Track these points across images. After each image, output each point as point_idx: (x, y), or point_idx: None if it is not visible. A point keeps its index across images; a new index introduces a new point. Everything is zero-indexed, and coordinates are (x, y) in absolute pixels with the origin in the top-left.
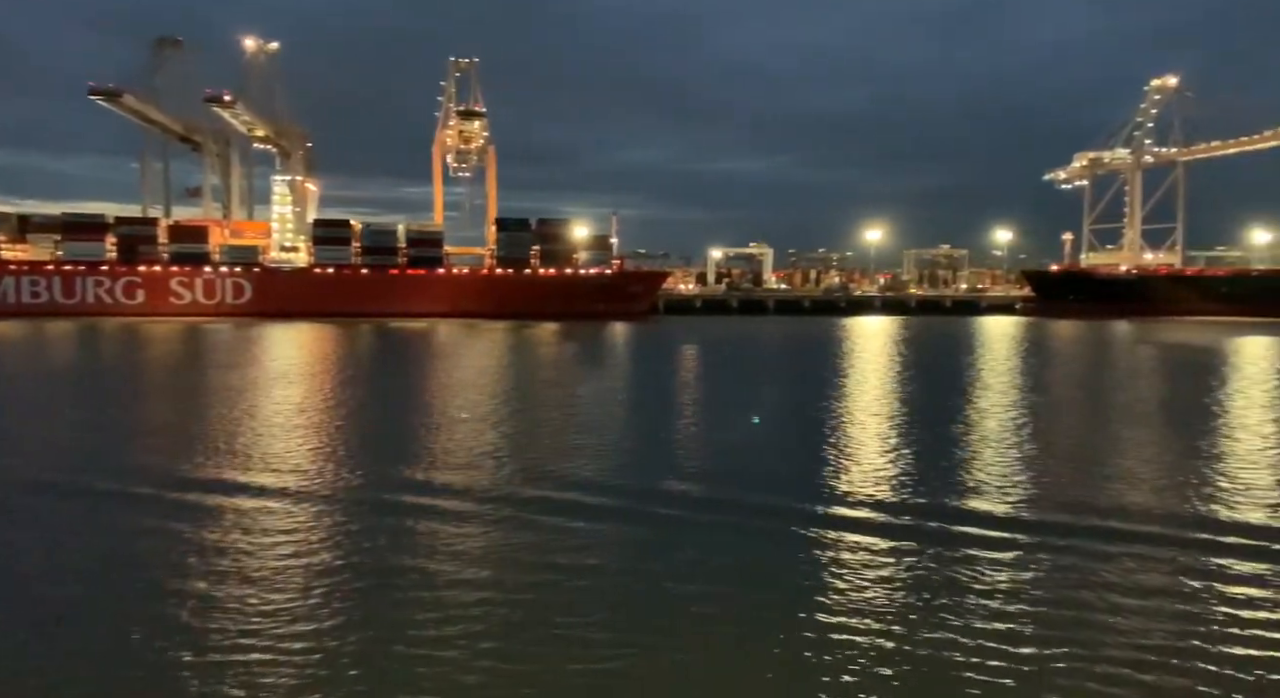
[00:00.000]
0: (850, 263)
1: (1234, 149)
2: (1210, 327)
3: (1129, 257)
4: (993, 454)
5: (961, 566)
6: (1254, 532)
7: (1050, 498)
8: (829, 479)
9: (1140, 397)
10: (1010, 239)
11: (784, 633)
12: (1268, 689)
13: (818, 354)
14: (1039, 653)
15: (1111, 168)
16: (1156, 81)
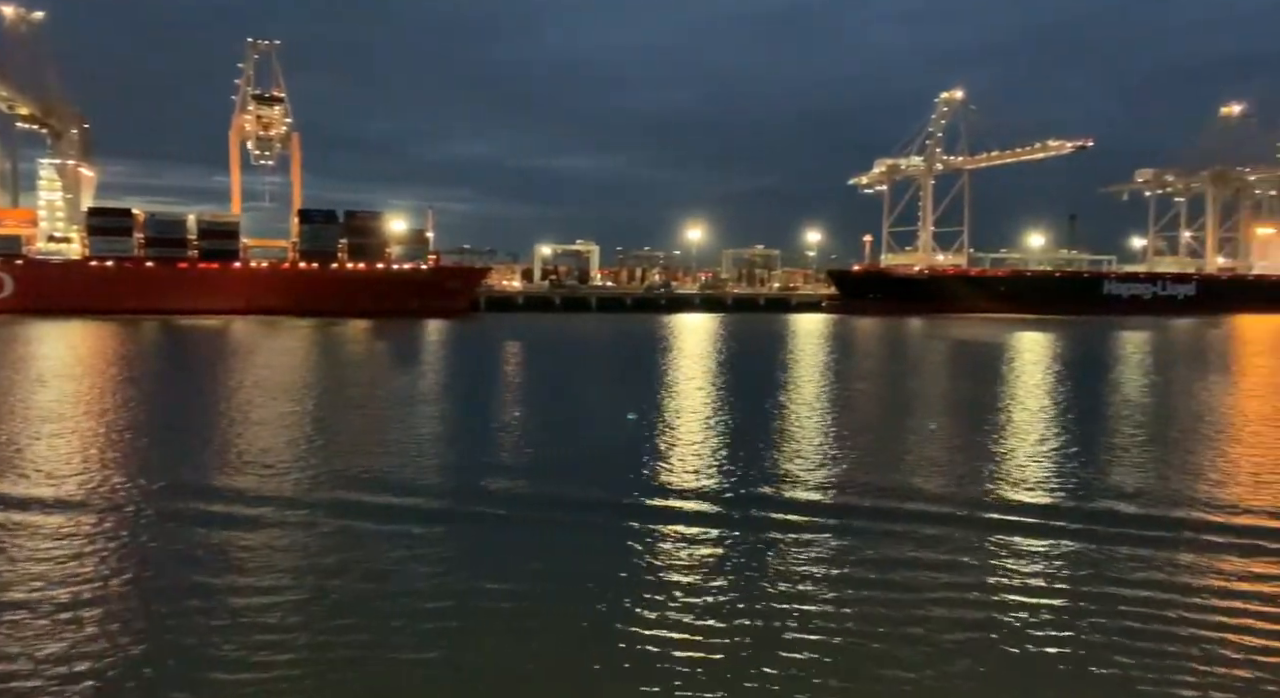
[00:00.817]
0: (675, 262)
1: (1011, 159)
2: (992, 323)
3: (922, 258)
4: (804, 444)
5: (775, 549)
6: (1035, 510)
7: (856, 484)
8: (656, 473)
9: (933, 388)
10: (820, 240)
11: (601, 627)
12: (1038, 659)
13: (637, 350)
14: (854, 628)
15: (907, 174)
16: (945, 95)
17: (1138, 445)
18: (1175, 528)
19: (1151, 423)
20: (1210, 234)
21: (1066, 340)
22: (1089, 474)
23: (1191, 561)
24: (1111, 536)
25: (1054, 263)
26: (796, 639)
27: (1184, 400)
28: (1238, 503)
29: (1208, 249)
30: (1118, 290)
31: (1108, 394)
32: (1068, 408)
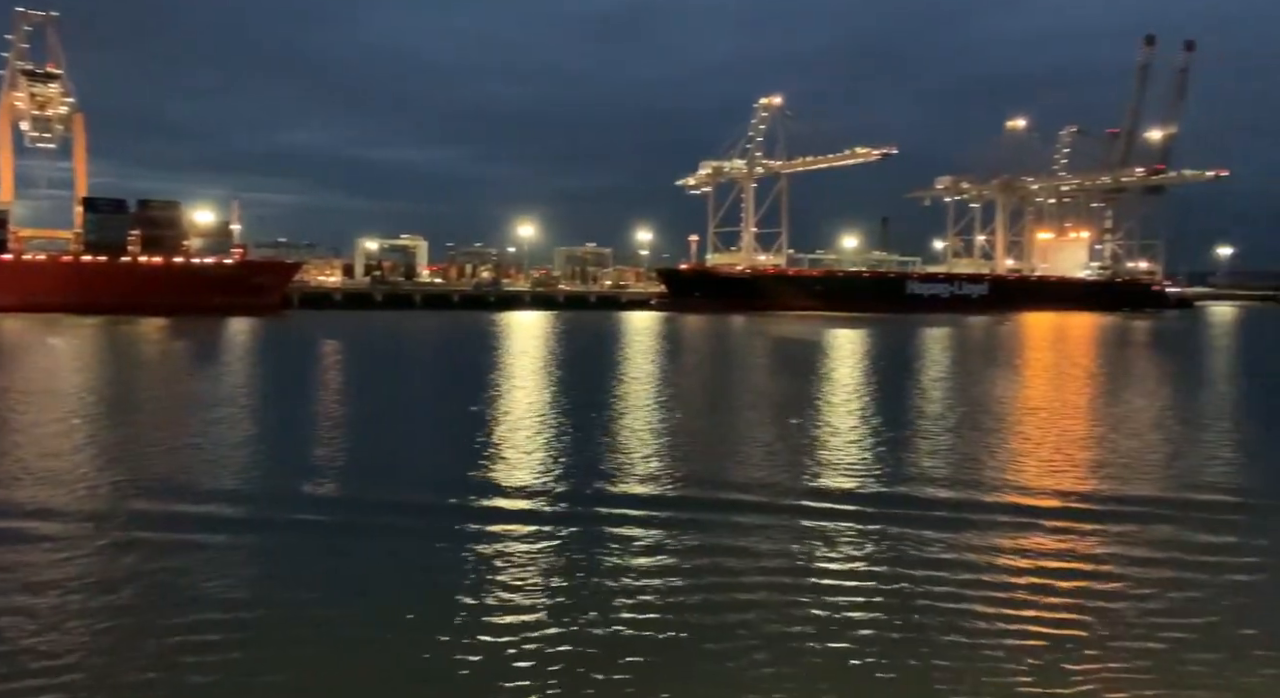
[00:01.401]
0: (508, 259)
1: (824, 164)
2: (808, 320)
3: (745, 257)
4: (635, 439)
5: (605, 545)
6: (847, 497)
7: (683, 476)
8: (480, 473)
9: (758, 384)
10: (651, 239)
11: (427, 636)
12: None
13: (464, 347)
14: (683, 620)
15: (730, 176)
16: (764, 101)
17: (938, 433)
18: (971, 509)
19: (950, 412)
20: (1000, 238)
21: (876, 337)
22: (896, 461)
23: (983, 538)
24: (915, 518)
25: (867, 264)
26: (632, 636)
27: (977, 390)
28: (1026, 485)
29: (998, 252)
30: (920, 290)
31: (913, 387)
32: (877, 400)
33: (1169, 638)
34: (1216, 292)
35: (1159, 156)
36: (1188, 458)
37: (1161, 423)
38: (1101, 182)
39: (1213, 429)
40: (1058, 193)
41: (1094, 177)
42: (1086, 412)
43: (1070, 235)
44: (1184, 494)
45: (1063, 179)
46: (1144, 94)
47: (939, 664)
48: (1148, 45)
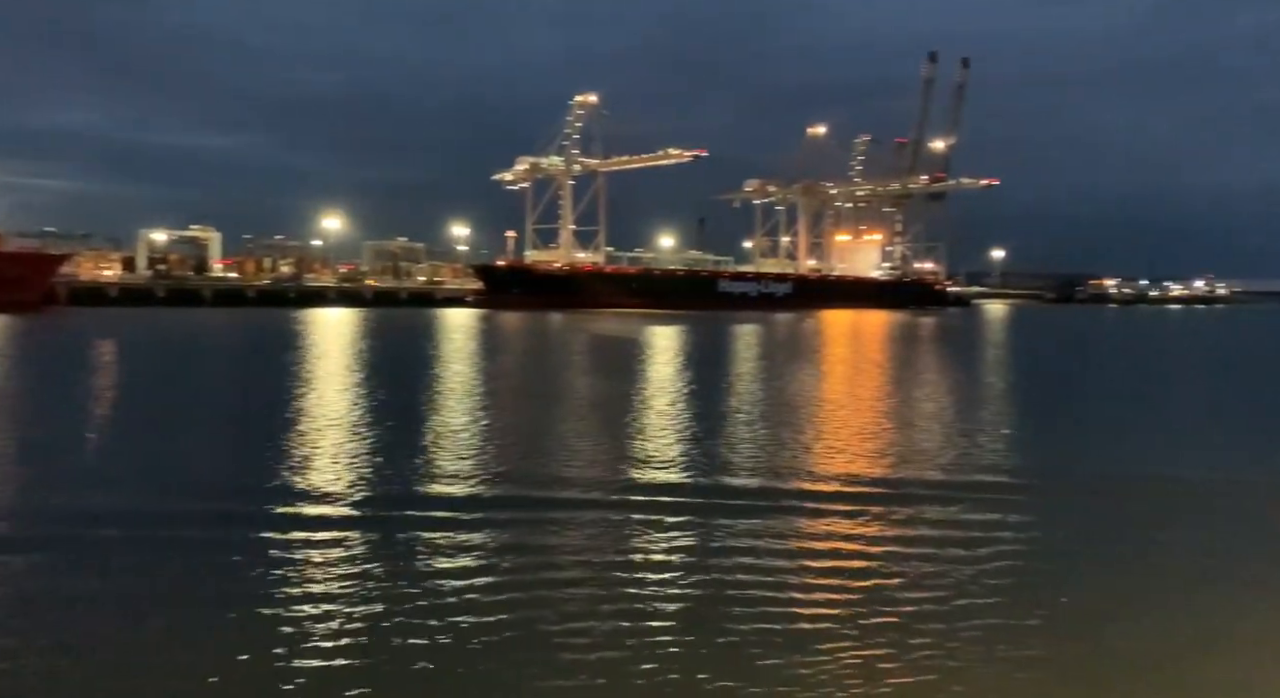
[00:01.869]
0: (312, 253)
1: (639, 164)
2: (625, 317)
3: (564, 255)
4: (449, 440)
5: (414, 549)
6: (660, 489)
7: (501, 475)
8: (276, 480)
9: (575, 382)
10: (468, 234)
11: (225, 658)
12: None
13: (260, 347)
14: (500, 620)
15: (548, 173)
16: (580, 98)
17: (746, 426)
18: (774, 497)
19: (757, 406)
20: (802, 240)
21: (690, 334)
22: (706, 454)
23: (785, 524)
24: (722, 507)
25: (684, 263)
26: (446, 643)
27: (781, 385)
28: (823, 473)
29: (800, 253)
30: (730, 288)
31: (724, 382)
32: (690, 395)
33: (947, 611)
34: (990, 291)
35: (941, 165)
36: (969, 444)
37: (945, 412)
38: (892, 188)
39: (988, 416)
40: (854, 197)
41: (885, 183)
42: (879, 403)
43: (865, 238)
44: (965, 478)
45: (858, 185)
46: (928, 107)
47: (746, 647)
48: (930, 62)
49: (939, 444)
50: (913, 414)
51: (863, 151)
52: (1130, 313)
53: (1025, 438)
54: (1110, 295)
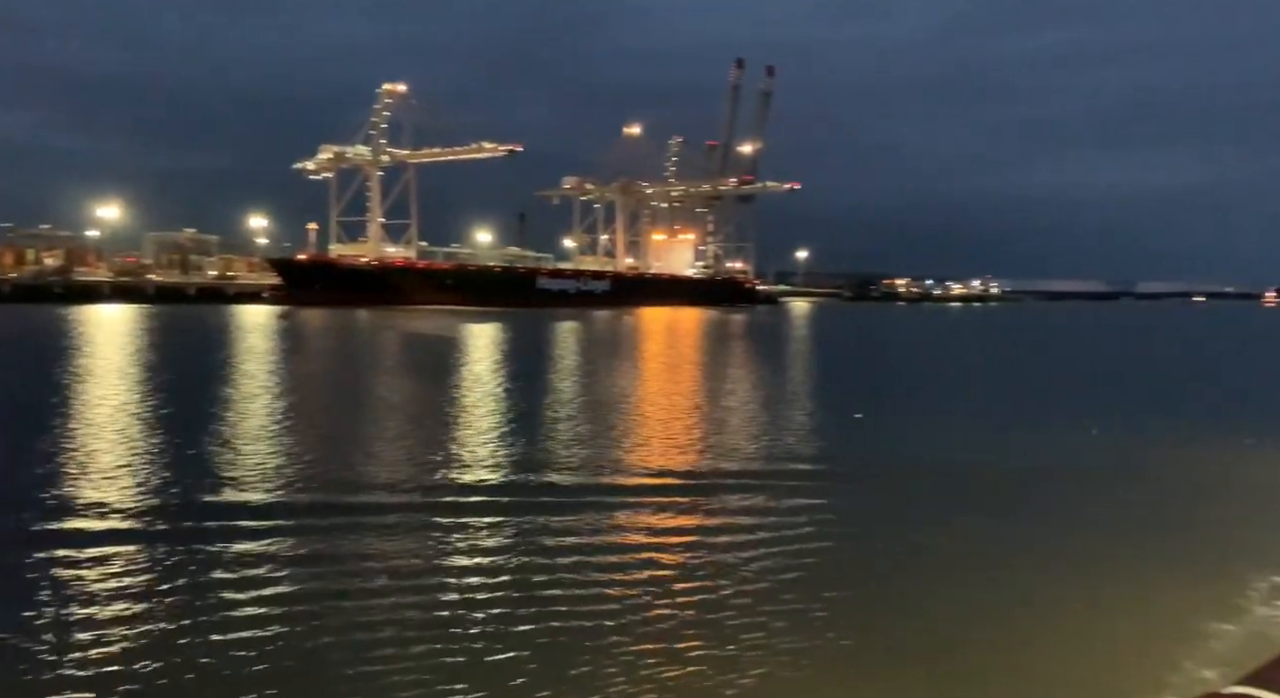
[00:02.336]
0: (85, 244)
1: (451, 156)
2: (439, 315)
3: (372, 249)
4: (248, 446)
5: (217, 561)
6: (481, 490)
7: (306, 483)
8: (49, 494)
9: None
10: (267, 226)
11: None
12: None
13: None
14: (309, 631)
15: (354, 163)
16: (388, 86)
17: (563, 423)
18: (591, 493)
19: (575, 403)
20: (620, 238)
21: (508, 332)
22: (522, 453)
23: (601, 519)
24: (540, 505)
25: (503, 259)
26: (250, 658)
27: (600, 381)
28: (639, 467)
29: (618, 251)
30: (549, 285)
31: (543, 380)
32: (507, 394)
33: (742, 601)
34: (796, 289)
35: (750, 168)
36: (774, 436)
37: (753, 405)
38: (703, 189)
39: (792, 409)
40: (669, 197)
41: (697, 184)
42: (692, 398)
43: (680, 237)
44: (770, 467)
45: (672, 185)
46: (736, 112)
47: (565, 643)
48: (738, 68)
49: (747, 437)
50: (724, 408)
51: (676, 153)
52: (917, 310)
53: (826, 429)
54: (900, 294)
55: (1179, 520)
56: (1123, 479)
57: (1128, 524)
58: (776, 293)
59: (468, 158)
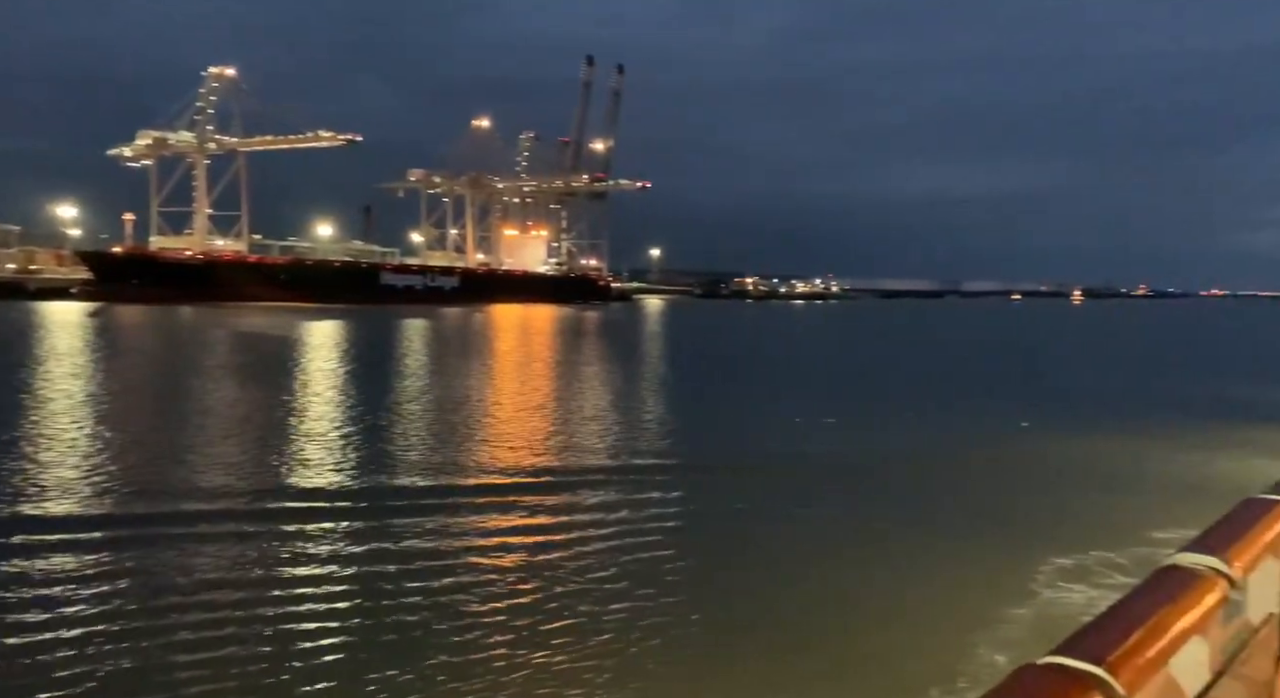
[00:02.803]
0: None
1: (286, 145)
2: (274, 312)
3: (198, 242)
4: (54, 455)
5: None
6: (325, 494)
7: (130, 493)
8: None
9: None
10: (76, 216)
11: None
12: None
13: None
14: (127, 654)
15: (178, 150)
16: (215, 69)
17: (410, 425)
18: (443, 495)
19: (423, 403)
20: (470, 233)
21: (351, 330)
22: (367, 456)
23: (455, 521)
24: (390, 509)
25: (348, 253)
26: None
27: (450, 381)
28: (492, 467)
29: (469, 246)
30: (394, 281)
31: (389, 380)
32: (355, 395)
33: (620, 587)
34: (649, 287)
35: (601, 166)
36: (627, 432)
37: (606, 402)
38: (556, 185)
39: (647, 405)
40: (520, 193)
41: (549, 180)
42: (547, 396)
43: (532, 233)
44: (625, 462)
45: (524, 180)
46: (588, 108)
47: (408, 650)
48: (589, 65)
49: (600, 433)
50: (577, 405)
51: (528, 148)
52: (765, 307)
53: (678, 424)
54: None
55: (985, 507)
56: (942, 468)
57: (942, 512)
58: (630, 290)
59: (304, 147)
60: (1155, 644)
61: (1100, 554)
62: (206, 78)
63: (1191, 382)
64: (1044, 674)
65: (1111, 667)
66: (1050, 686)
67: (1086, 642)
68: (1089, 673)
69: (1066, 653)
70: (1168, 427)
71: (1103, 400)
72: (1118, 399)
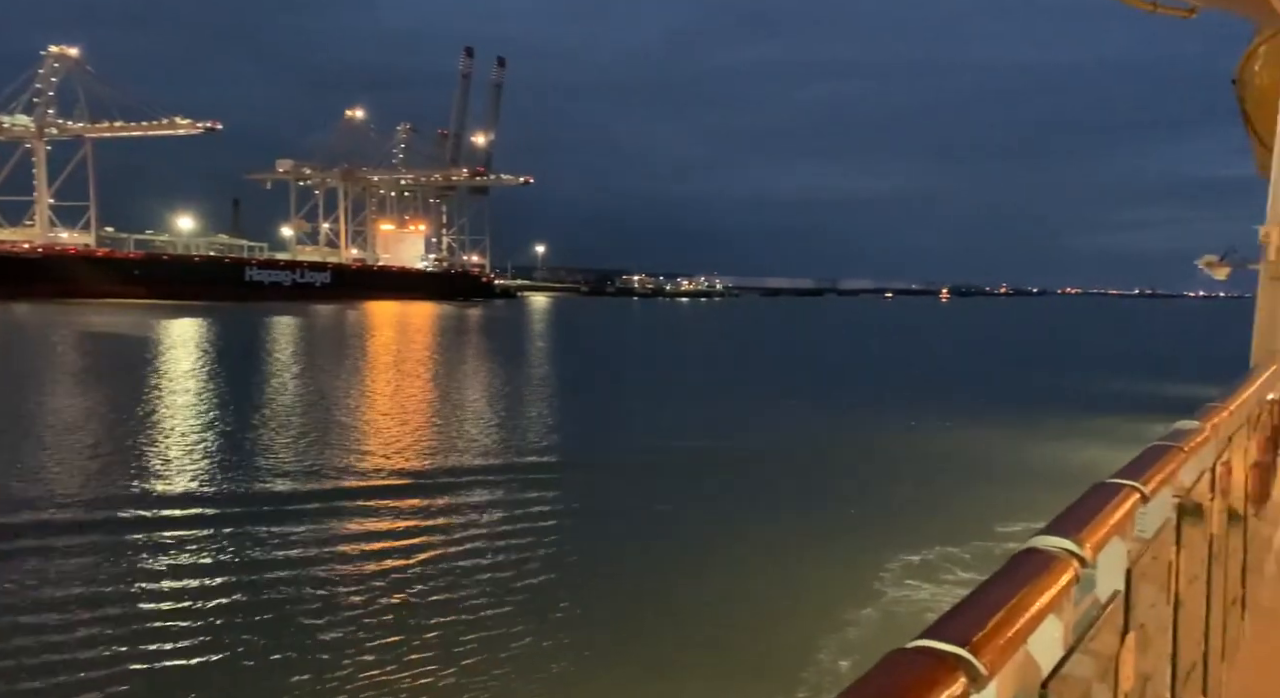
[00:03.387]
0: None
1: (138, 132)
2: (128, 310)
3: (38, 233)
4: None
5: None
6: (180, 502)
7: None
8: None
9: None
10: None
11: None
12: None
13: None
14: None
15: (14, 135)
16: (56, 49)
17: (283, 428)
18: (318, 499)
19: (298, 405)
20: (343, 227)
21: (213, 329)
22: (231, 460)
23: (333, 523)
24: (264, 514)
25: (215, 248)
26: None
27: (325, 382)
28: (370, 469)
29: (342, 241)
30: (260, 277)
31: (254, 380)
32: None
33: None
34: (535, 284)
35: (482, 160)
36: (505, 431)
37: (491, 402)
38: (434, 179)
39: (527, 404)
40: (397, 186)
41: (428, 173)
42: (424, 396)
43: (410, 228)
44: (498, 462)
45: (401, 174)
46: (467, 101)
47: (261, 668)
48: (468, 57)
49: (476, 433)
50: (454, 405)
51: (405, 140)
52: (651, 305)
53: (557, 422)
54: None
55: (844, 498)
56: (806, 464)
57: (800, 505)
58: (515, 287)
59: (158, 134)
60: (1014, 625)
61: (944, 550)
62: (45, 58)
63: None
64: (912, 658)
65: (975, 648)
66: (918, 669)
67: (952, 625)
68: (954, 655)
69: (933, 636)
70: (1021, 417)
71: (964, 392)
72: (977, 390)
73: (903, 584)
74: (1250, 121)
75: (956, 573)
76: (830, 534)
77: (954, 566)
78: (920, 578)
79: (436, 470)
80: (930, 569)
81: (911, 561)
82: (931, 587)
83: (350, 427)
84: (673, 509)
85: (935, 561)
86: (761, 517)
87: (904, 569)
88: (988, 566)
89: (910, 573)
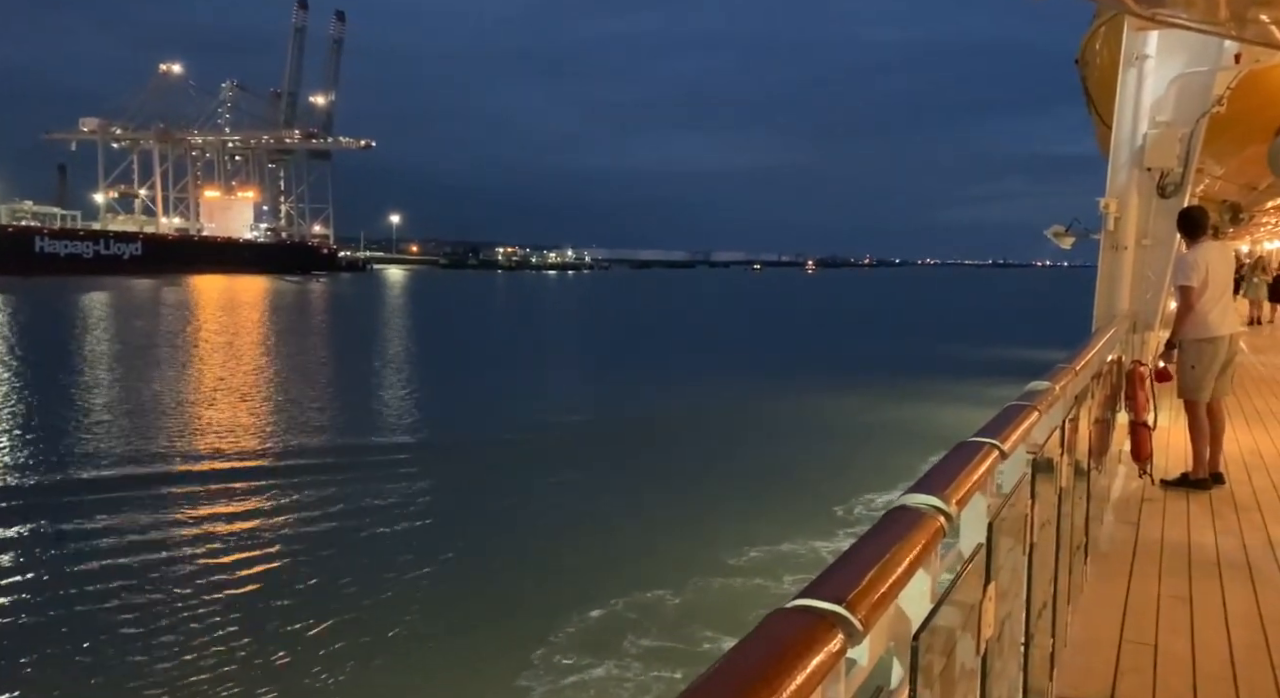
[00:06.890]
0: None
1: None
2: None
3: None
4: None
5: None
6: None
7: None
8: None
9: None
10: None
11: None
12: None
13: None
14: None
15: None
16: None
17: (107, 416)
18: (151, 486)
19: (120, 393)
20: (159, 193)
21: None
22: (52, 448)
23: (171, 513)
24: (85, 504)
25: (19, 217)
26: None
27: (146, 367)
28: (204, 453)
29: (159, 209)
30: (54, 248)
31: (52, 367)
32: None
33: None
34: (389, 256)
35: (322, 122)
36: (367, 413)
37: (342, 384)
38: (265, 141)
39: (387, 386)
40: (224, 149)
41: (258, 135)
42: (270, 380)
43: (237, 194)
44: (365, 444)
45: (227, 136)
46: (301, 58)
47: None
48: (302, 9)
49: (337, 415)
50: (291, 388)
51: (230, 98)
52: (516, 278)
53: (414, 405)
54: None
55: (716, 471)
56: (679, 430)
57: (668, 478)
58: (364, 260)
59: None
60: (887, 581)
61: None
62: None
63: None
64: (791, 617)
65: (851, 605)
66: (797, 627)
67: (829, 583)
68: (831, 612)
69: (811, 595)
70: (885, 382)
71: (829, 359)
72: (840, 358)
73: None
74: (1092, 101)
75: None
76: (699, 504)
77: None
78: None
79: (268, 456)
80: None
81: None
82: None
83: (164, 415)
84: (536, 491)
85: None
86: (615, 497)
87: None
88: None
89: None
